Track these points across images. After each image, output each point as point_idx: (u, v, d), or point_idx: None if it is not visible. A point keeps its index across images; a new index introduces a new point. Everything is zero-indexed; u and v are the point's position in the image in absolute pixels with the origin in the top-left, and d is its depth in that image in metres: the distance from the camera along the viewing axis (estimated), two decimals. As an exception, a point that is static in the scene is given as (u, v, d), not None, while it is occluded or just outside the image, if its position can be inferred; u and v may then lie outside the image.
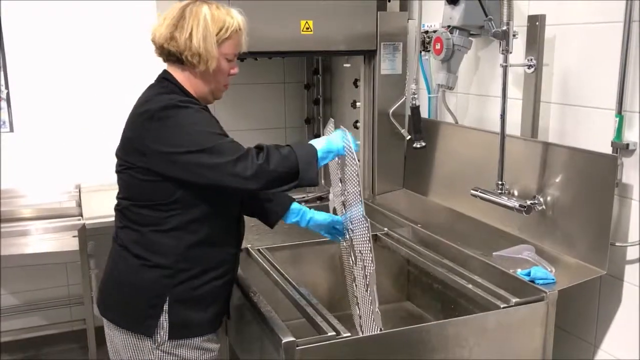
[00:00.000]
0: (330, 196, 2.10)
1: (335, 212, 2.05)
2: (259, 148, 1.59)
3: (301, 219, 1.96)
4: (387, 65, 2.69)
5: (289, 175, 1.58)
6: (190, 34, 1.59)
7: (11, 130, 3.00)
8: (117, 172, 1.69)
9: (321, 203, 2.92)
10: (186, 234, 1.62)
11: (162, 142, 1.55)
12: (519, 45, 2.10)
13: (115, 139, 1.69)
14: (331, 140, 1.69)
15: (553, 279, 1.86)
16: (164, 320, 1.61)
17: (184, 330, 1.64)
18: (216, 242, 1.68)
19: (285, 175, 1.58)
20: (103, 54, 3.09)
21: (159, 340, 1.62)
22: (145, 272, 1.62)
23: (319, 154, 1.63)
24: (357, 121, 2.86)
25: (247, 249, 2.27)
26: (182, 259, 1.63)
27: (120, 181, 1.69)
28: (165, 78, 1.68)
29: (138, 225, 1.64)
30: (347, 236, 1.92)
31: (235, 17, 1.66)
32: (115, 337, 1.68)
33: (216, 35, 1.62)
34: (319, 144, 1.67)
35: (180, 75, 1.67)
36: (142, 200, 1.62)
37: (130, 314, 1.64)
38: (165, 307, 1.61)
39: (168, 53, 1.64)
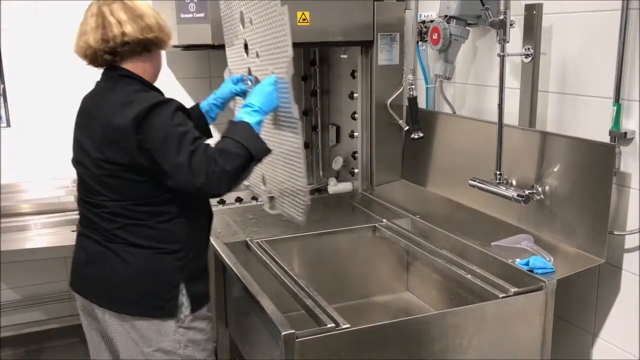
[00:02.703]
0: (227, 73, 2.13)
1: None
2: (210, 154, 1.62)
3: (217, 108, 2.05)
4: (384, 55, 2.68)
5: (245, 161, 1.64)
6: (154, 17, 1.71)
7: (8, 125, 2.99)
8: (103, 175, 1.68)
9: (320, 195, 2.92)
10: (185, 219, 1.73)
11: (150, 141, 1.59)
12: (516, 34, 2.10)
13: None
14: (255, 102, 1.74)
15: (552, 269, 1.86)
16: (184, 298, 1.72)
17: (197, 303, 1.76)
18: (203, 223, 1.84)
19: (242, 165, 1.64)
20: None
21: (182, 317, 1.73)
22: (160, 260, 1.71)
23: (254, 124, 1.70)
24: (354, 112, 2.85)
25: (246, 241, 2.28)
26: (186, 240, 1.74)
27: (105, 185, 1.69)
28: (125, 75, 1.71)
29: (140, 220, 1.69)
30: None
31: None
32: (135, 328, 1.72)
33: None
34: (249, 117, 1.71)
35: (139, 68, 1.73)
36: (141, 199, 1.68)
37: (151, 302, 1.71)
38: (182, 286, 1.72)
39: (145, 44, 1.69)
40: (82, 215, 1.82)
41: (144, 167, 1.63)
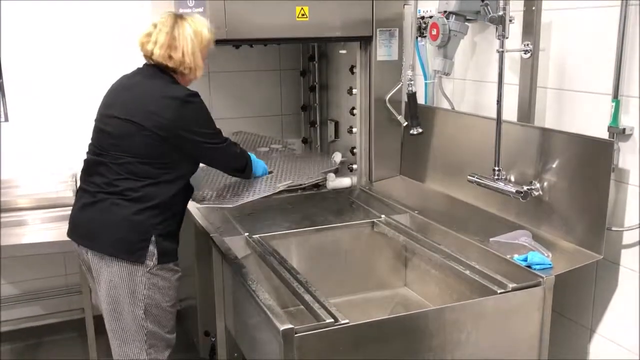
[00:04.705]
0: None
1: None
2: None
3: None
4: (383, 51, 2.68)
5: (247, 168, 2.36)
6: (183, 53, 2.05)
7: (6, 120, 2.99)
8: (126, 135, 2.01)
9: (318, 190, 2.92)
10: (171, 186, 2.07)
11: (184, 122, 2.02)
12: (515, 30, 2.09)
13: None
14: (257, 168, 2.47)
15: (550, 264, 1.86)
16: (154, 249, 2.03)
17: (166, 256, 2.07)
18: (186, 194, 2.19)
19: (245, 167, 2.35)
20: (97, 44, 3.07)
21: (151, 265, 2.03)
22: (138, 214, 2.02)
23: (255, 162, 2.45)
24: (353, 108, 2.85)
25: (245, 237, 2.28)
26: (166, 204, 2.06)
27: (127, 141, 2.02)
28: (163, 72, 2.10)
29: (137, 176, 2.03)
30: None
31: (207, 26, 2.13)
32: (111, 268, 2.04)
33: (199, 46, 2.09)
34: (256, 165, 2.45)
35: (172, 73, 2.12)
36: (148, 158, 2.02)
37: (127, 247, 2.02)
38: (153, 239, 2.02)
39: (166, 67, 2.07)
40: (84, 171, 2.12)
41: (162, 137, 1.99)
